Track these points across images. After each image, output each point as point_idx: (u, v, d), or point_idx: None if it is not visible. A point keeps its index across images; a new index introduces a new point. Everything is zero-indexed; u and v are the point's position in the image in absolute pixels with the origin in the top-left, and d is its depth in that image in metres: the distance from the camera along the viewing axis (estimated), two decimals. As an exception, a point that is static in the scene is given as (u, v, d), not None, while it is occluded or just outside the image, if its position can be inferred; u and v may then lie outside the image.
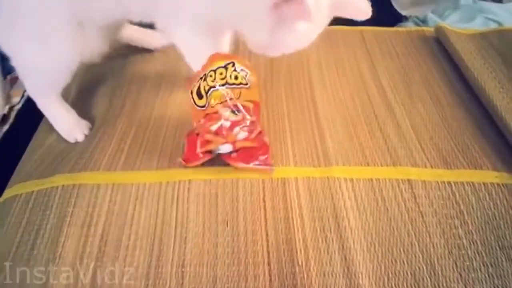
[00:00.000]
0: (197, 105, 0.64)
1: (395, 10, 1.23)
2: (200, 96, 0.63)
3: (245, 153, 0.61)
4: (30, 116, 0.73)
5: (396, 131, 0.69)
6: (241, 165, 0.61)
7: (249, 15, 0.56)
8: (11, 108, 0.97)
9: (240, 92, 0.63)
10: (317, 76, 0.83)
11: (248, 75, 0.64)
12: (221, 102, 0.62)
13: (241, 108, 0.62)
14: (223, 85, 0.62)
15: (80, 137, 0.72)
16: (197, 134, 0.62)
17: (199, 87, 0.64)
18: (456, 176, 0.61)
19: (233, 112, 0.61)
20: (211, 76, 0.63)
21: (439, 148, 0.66)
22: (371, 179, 0.61)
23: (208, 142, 0.61)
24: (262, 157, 0.62)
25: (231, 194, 0.60)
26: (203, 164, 0.63)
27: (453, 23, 1.00)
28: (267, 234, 0.55)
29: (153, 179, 0.62)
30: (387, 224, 0.56)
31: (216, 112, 0.61)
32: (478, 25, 1.02)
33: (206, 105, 0.62)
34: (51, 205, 0.59)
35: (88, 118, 0.75)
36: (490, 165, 0.63)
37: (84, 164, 0.65)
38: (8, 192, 0.65)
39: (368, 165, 0.64)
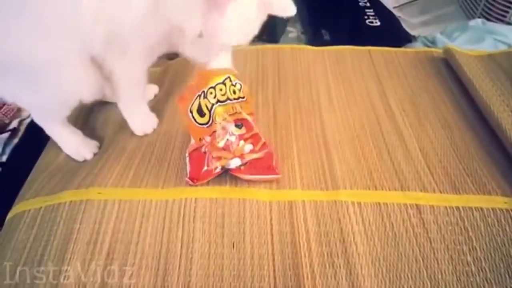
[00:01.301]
0: (198, 123, 0.64)
1: (404, 30, 1.23)
2: (202, 114, 0.64)
3: (253, 165, 0.63)
4: (39, 129, 0.74)
5: (404, 154, 0.69)
6: (250, 177, 0.63)
7: (186, 4, 0.59)
8: (20, 122, 0.98)
9: (241, 106, 0.65)
10: (325, 96, 0.83)
11: (242, 87, 0.67)
12: (225, 118, 0.63)
13: (244, 121, 0.65)
14: (224, 101, 0.64)
15: (89, 156, 0.73)
16: (205, 153, 0.63)
17: (199, 105, 0.64)
18: (464, 201, 0.61)
19: (237, 126, 0.64)
20: (211, 93, 0.64)
21: (447, 172, 0.66)
22: (379, 203, 0.61)
23: (218, 159, 0.62)
24: (269, 167, 0.64)
25: (237, 215, 0.59)
26: (208, 182, 0.63)
27: (462, 44, 1.00)
28: (273, 259, 0.55)
29: (159, 196, 0.62)
30: (395, 249, 0.55)
31: (222, 128, 0.63)
32: (487, 47, 1.01)
33: (210, 122, 0.63)
34: (58, 221, 0.60)
35: (99, 137, 0.76)
36: (499, 190, 0.62)
37: (92, 180, 0.65)
38: (16, 208, 0.65)
39: (376, 189, 0.63)
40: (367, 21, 1.24)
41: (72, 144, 0.73)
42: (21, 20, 0.56)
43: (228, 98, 0.64)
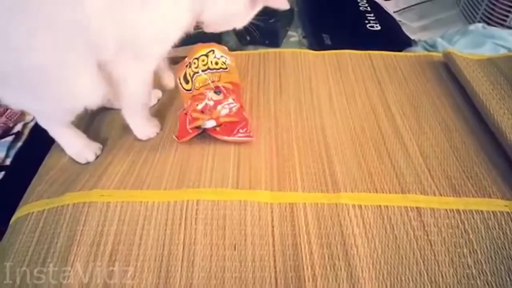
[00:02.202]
0: (185, 89, 0.75)
1: (405, 34, 1.24)
2: (186, 81, 0.74)
3: (228, 127, 0.70)
4: (43, 133, 0.74)
5: (404, 157, 0.69)
6: (225, 137, 0.70)
7: None
8: (24, 125, 0.99)
9: (220, 75, 0.74)
10: (326, 100, 0.83)
11: (227, 60, 0.76)
12: (205, 85, 0.72)
13: (222, 88, 0.72)
14: (205, 70, 0.73)
15: (91, 158, 0.73)
16: (186, 113, 0.71)
17: (185, 74, 0.74)
18: (465, 204, 0.61)
19: (215, 92, 0.72)
20: (194, 63, 0.74)
21: (448, 175, 0.66)
22: (380, 206, 0.61)
23: (195, 119, 0.69)
24: (242, 130, 0.70)
25: (239, 217, 0.60)
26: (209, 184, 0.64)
27: (462, 49, 1.00)
28: (275, 261, 0.55)
29: (161, 198, 0.63)
30: (395, 252, 0.55)
31: (201, 94, 0.72)
32: (487, 51, 1.01)
33: (192, 88, 0.73)
34: (61, 224, 0.60)
35: (102, 139, 0.77)
36: (500, 193, 0.62)
37: (94, 183, 0.66)
38: (20, 211, 0.66)
39: (376, 191, 0.63)
40: (367, 25, 1.25)
41: (76, 146, 0.74)
42: (21, 24, 0.53)
43: (209, 68, 0.73)
